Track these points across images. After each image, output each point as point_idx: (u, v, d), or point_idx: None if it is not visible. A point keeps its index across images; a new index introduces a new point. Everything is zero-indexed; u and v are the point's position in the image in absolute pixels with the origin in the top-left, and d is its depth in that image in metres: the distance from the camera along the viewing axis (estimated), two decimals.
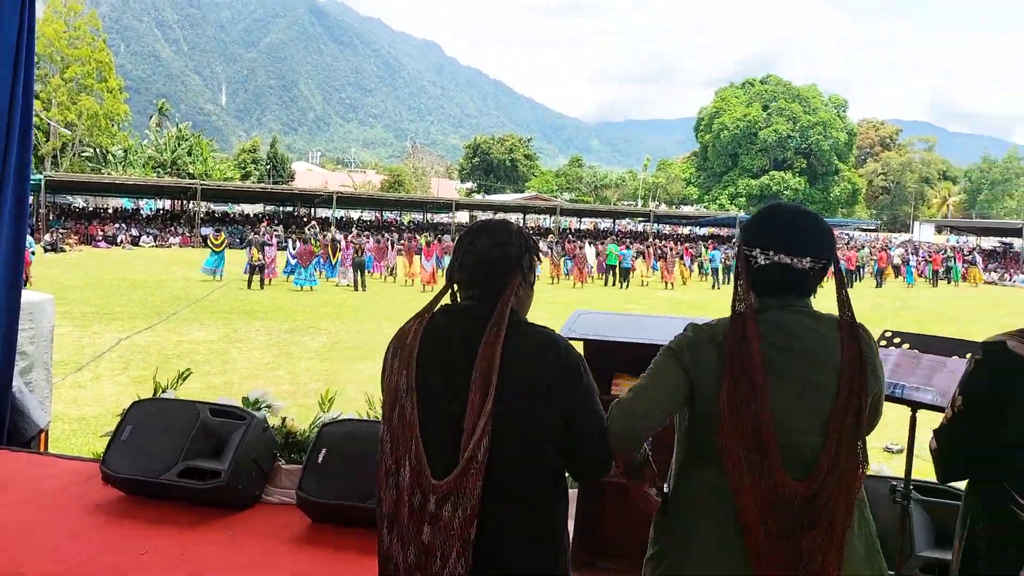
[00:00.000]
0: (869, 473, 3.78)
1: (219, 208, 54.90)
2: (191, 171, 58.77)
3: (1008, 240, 55.13)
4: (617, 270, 26.61)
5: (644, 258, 30.17)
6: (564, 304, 16.56)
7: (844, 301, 1.79)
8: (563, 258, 28.55)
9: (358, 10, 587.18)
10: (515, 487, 1.78)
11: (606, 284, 26.81)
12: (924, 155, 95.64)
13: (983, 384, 1.83)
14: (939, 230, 65.03)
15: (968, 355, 2.66)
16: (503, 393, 1.75)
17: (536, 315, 1.91)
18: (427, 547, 1.73)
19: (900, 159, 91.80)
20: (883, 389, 1.88)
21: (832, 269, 1.83)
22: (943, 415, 1.94)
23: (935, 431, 1.95)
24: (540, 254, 2.02)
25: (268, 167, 74.67)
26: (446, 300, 1.95)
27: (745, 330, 1.72)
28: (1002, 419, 1.78)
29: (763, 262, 1.78)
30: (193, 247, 39.09)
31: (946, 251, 41.23)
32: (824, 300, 1.86)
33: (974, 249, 50.05)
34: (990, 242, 58.06)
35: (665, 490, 1.88)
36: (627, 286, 26.24)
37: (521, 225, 2.01)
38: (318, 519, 3.71)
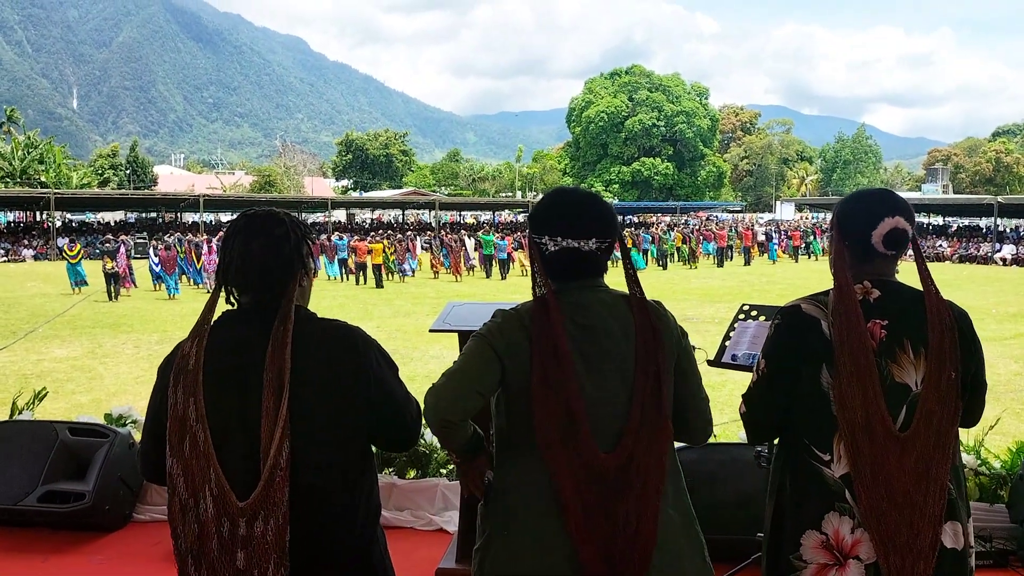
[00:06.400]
0: (735, 441, 3.99)
1: (77, 218, 51.84)
2: (43, 179, 55.21)
3: None
4: (495, 261, 26.74)
5: (523, 248, 30.46)
6: (446, 297, 16.52)
7: (632, 277, 1.88)
8: (442, 251, 28.48)
9: (216, 6, 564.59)
10: (321, 487, 1.77)
11: (488, 276, 26.92)
12: (782, 137, 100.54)
13: (781, 346, 1.95)
14: (799, 208, 68.76)
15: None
16: (299, 393, 1.73)
17: (417, 310, 1.87)
18: (242, 572, 1.70)
19: (760, 142, 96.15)
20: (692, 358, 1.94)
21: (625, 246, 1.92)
22: (750, 380, 2.04)
23: (744, 395, 2.05)
24: (312, 241, 1.97)
25: (128, 172, 71.07)
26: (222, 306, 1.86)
27: (548, 311, 1.77)
28: (798, 376, 1.91)
29: (553, 248, 1.84)
30: (49, 260, 36.69)
31: (803, 227, 43.55)
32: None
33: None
34: None
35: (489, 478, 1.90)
36: (506, 276, 26.42)
37: (294, 215, 1.95)
38: None
